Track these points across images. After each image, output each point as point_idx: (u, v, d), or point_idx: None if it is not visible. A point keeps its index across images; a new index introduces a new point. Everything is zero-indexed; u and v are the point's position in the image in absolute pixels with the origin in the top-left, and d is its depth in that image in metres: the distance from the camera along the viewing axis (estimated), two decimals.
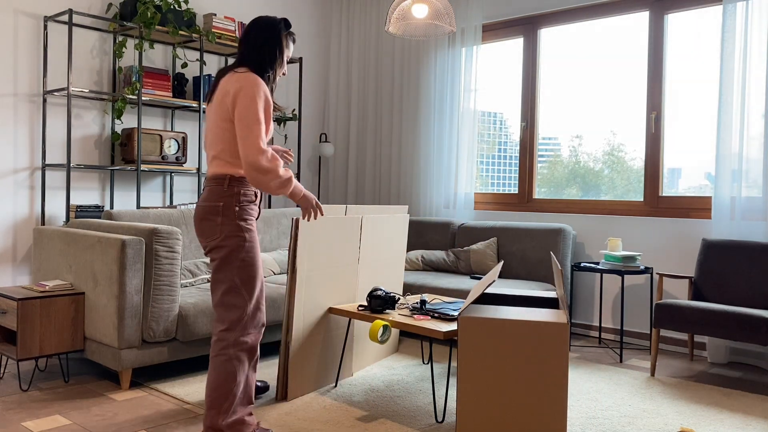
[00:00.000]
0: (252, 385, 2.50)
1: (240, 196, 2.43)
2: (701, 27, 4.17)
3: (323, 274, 3.14)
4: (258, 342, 2.48)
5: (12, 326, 3.04)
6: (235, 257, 2.40)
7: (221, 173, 2.42)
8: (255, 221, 2.51)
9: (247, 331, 2.42)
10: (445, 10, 3.54)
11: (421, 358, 3.76)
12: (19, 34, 4.12)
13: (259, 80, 2.40)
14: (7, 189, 4.09)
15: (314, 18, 5.89)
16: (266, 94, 2.42)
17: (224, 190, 2.41)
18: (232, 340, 2.40)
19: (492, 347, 2.38)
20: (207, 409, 2.41)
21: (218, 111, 2.42)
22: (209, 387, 2.41)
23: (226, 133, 2.41)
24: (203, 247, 2.47)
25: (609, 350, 4.11)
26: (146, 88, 4.42)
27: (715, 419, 2.87)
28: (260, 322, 2.47)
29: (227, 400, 2.39)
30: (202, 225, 2.43)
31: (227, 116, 2.40)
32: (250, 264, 2.43)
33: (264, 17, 2.52)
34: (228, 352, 2.39)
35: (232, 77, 2.41)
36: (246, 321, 2.42)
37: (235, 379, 2.39)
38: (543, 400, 2.34)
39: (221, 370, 2.39)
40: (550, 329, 2.33)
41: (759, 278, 3.59)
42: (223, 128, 2.41)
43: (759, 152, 3.81)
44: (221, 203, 2.40)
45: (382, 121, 5.54)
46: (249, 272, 2.42)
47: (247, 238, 2.42)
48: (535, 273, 4.37)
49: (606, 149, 4.58)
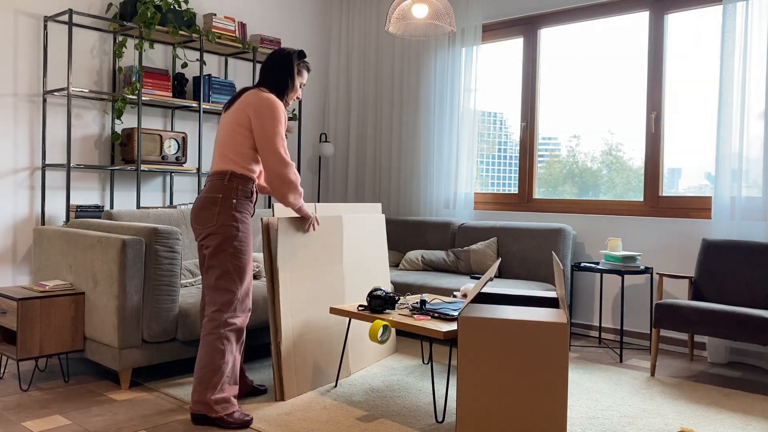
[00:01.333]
0: (238, 368, 2.73)
1: (238, 191, 2.69)
2: (701, 27, 4.17)
3: (306, 274, 3.15)
4: (245, 325, 2.74)
5: (12, 326, 3.04)
6: (228, 245, 2.65)
7: (224, 169, 2.70)
8: (249, 216, 2.75)
9: (236, 314, 2.68)
10: (445, 10, 3.54)
11: (421, 358, 3.76)
12: (19, 34, 4.12)
13: (278, 101, 2.73)
14: (7, 189, 4.09)
15: (314, 18, 5.89)
16: (284, 114, 2.73)
17: (224, 184, 2.67)
18: (223, 320, 2.65)
19: (492, 347, 2.38)
20: (196, 385, 2.64)
21: (235, 116, 2.71)
22: (199, 364, 2.65)
23: (237, 135, 2.69)
24: (197, 235, 2.71)
25: (609, 350, 4.11)
26: (146, 88, 4.42)
27: (715, 419, 2.87)
28: (248, 307, 2.74)
29: (216, 376, 2.63)
30: (201, 213, 2.68)
31: (244, 122, 2.69)
32: (242, 252, 2.68)
33: (280, 49, 2.87)
34: (218, 332, 2.64)
35: (255, 93, 2.72)
36: (236, 304, 2.68)
37: (223, 357, 2.64)
38: (543, 400, 2.34)
39: (211, 348, 2.63)
40: (550, 329, 2.33)
41: (759, 278, 3.59)
42: (237, 131, 2.69)
43: (759, 152, 3.81)
44: (220, 195, 2.66)
45: (382, 121, 5.54)
46: (241, 260, 2.68)
47: (241, 229, 2.68)
48: (535, 273, 4.37)
49: (605, 149, 4.58)
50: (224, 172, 2.68)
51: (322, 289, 3.24)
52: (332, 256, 3.33)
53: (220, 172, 2.69)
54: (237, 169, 2.68)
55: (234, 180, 2.67)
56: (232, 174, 2.67)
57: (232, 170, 2.68)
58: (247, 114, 2.68)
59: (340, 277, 3.38)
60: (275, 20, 5.56)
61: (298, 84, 2.89)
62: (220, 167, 2.70)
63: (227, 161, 2.69)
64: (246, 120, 2.68)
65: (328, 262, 3.30)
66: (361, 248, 3.57)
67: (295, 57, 2.87)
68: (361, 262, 3.56)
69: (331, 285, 3.31)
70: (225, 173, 2.68)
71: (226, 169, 2.68)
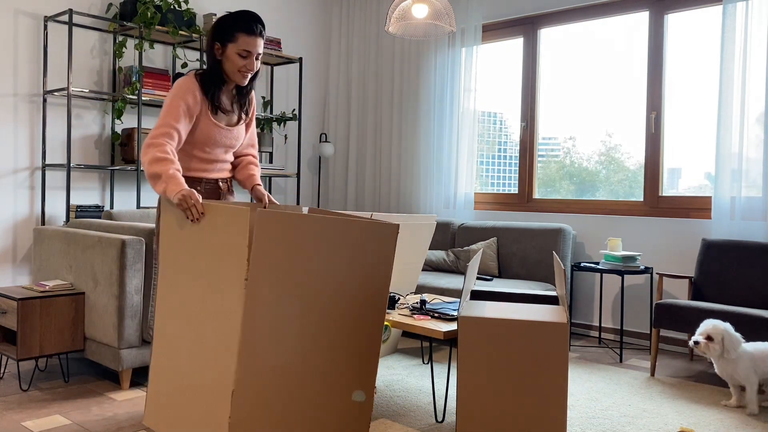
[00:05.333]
0: None
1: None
2: (701, 27, 4.17)
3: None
4: None
5: (12, 326, 3.04)
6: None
7: None
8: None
9: None
10: (445, 10, 3.54)
11: (421, 358, 3.76)
12: (19, 34, 4.12)
13: (183, 79, 2.41)
14: (7, 189, 4.09)
15: (314, 18, 5.89)
16: (186, 90, 2.38)
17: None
18: None
19: (492, 347, 2.38)
20: None
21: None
22: None
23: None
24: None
25: (609, 350, 4.11)
26: (146, 88, 4.43)
27: (715, 419, 2.87)
28: None
29: None
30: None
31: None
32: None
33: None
34: None
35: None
36: None
37: None
38: (543, 400, 2.34)
39: None
40: (550, 329, 2.33)
41: (759, 278, 3.59)
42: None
43: (759, 152, 3.81)
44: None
45: (382, 121, 5.54)
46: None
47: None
48: (535, 273, 4.37)
49: (605, 149, 4.58)
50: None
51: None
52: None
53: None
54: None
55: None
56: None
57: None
58: None
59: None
60: (275, 20, 5.56)
61: (232, 53, 2.39)
62: None
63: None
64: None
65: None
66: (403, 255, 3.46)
67: (225, 21, 2.39)
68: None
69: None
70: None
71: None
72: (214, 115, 2.47)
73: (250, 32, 2.38)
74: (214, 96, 2.45)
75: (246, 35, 2.38)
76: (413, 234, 3.55)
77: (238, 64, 2.40)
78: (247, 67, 2.41)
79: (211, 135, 2.46)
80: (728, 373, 2.99)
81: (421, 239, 3.62)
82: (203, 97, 2.43)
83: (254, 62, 2.43)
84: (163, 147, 2.27)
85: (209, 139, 2.47)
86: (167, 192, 2.17)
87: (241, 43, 2.38)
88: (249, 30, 2.38)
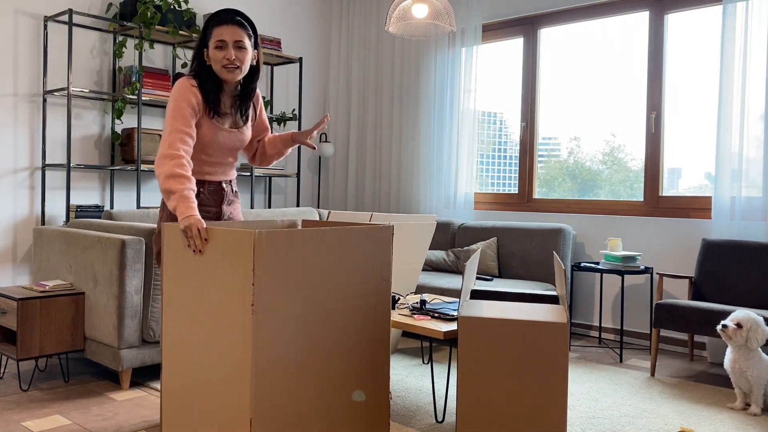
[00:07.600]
0: None
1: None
2: (701, 27, 4.17)
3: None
4: None
5: (12, 326, 3.04)
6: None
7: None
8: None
9: None
10: (445, 10, 3.54)
11: (421, 358, 3.76)
12: (19, 34, 4.12)
13: (181, 82, 2.38)
14: (7, 189, 4.09)
15: (314, 18, 5.89)
16: (187, 92, 2.36)
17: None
18: None
19: (492, 347, 2.38)
20: None
21: None
22: None
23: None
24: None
25: (609, 350, 4.11)
26: (146, 88, 4.42)
27: (715, 419, 2.87)
28: None
29: None
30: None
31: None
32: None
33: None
34: None
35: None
36: None
37: None
38: (543, 400, 2.34)
39: None
40: (550, 329, 2.33)
41: (759, 278, 3.59)
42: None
43: (759, 152, 3.81)
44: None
45: (382, 121, 5.54)
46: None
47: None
48: (535, 273, 4.37)
49: (606, 149, 4.58)
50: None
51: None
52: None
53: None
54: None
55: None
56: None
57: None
58: None
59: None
60: (275, 20, 5.56)
61: (212, 50, 2.39)
62: None
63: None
64: None
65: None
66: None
67: (204, 25, 2.43)
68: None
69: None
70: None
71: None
72: (216, 117, 2.46)
73: (220, 23, 2.37)
74: (214, 99, 2.44)
75: (218, 26, 2.37)
76: (413, 234, 3.55)
77: (218, 58, 2.37)
78: (226, 58, 2.36)
79: (213, 138, 2.45)
80: (739, 368, 2.97)
81: (421, 239, 3.62)
82: (203, 101, 2.42)
83: (232, 51, 2.36)
84: (179, 160, 2.25)
85: (212, 142, 2.46)
86: (176, 212, 2.16)
87: (215, 34, 2.37)
88: (219, 21, 2.37)
